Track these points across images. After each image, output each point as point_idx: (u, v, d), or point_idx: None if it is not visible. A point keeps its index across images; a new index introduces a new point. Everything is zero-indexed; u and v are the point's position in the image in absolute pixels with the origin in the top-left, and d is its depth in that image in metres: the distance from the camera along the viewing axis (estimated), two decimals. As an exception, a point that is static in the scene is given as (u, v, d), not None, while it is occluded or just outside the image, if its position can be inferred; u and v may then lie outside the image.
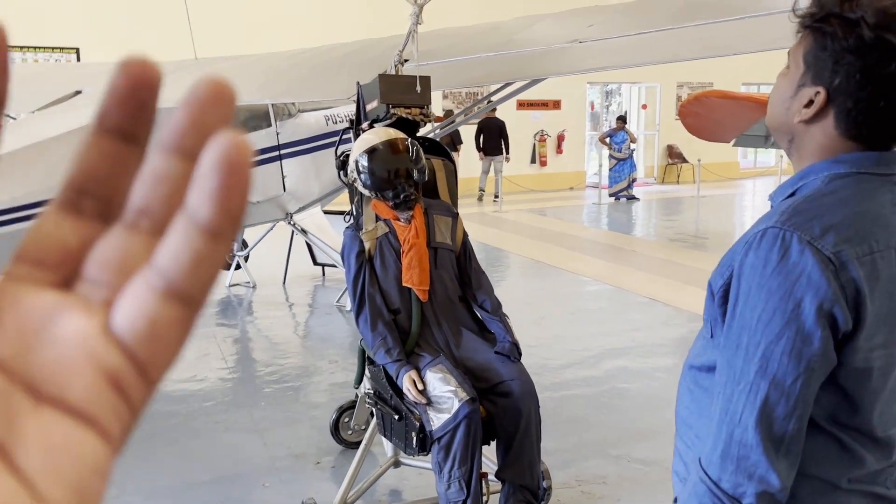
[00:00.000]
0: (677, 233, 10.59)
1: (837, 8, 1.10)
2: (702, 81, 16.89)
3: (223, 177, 0.22)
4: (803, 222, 1.09)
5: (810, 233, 1.07)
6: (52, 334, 0.24)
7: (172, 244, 0.23)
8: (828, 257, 1.06)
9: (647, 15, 3.37)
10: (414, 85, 3.07)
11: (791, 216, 1.10)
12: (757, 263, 1.10)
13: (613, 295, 6.89)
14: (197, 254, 0.23)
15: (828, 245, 1.06)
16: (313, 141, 6.43)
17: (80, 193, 0.25)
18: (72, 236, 0.25)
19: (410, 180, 2.83)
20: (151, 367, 0.24)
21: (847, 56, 1.09)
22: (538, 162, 15.85)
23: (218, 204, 0.23)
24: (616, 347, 5.30)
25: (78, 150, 0.25)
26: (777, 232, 1.09)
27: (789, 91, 1.18)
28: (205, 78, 0.24)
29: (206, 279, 0.24)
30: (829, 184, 1.14)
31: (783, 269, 1.07)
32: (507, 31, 3.74)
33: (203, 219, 0.23)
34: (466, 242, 3.05)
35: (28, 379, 0.23)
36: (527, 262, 8.57)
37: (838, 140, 1.15)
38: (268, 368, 5.09)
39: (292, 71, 4.55)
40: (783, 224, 1.09)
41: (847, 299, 1.06)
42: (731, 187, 16.10)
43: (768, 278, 1.08)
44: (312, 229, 6.67)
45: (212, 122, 0.24)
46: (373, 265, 2.87)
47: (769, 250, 1.09)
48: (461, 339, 2.86)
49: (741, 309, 1.12)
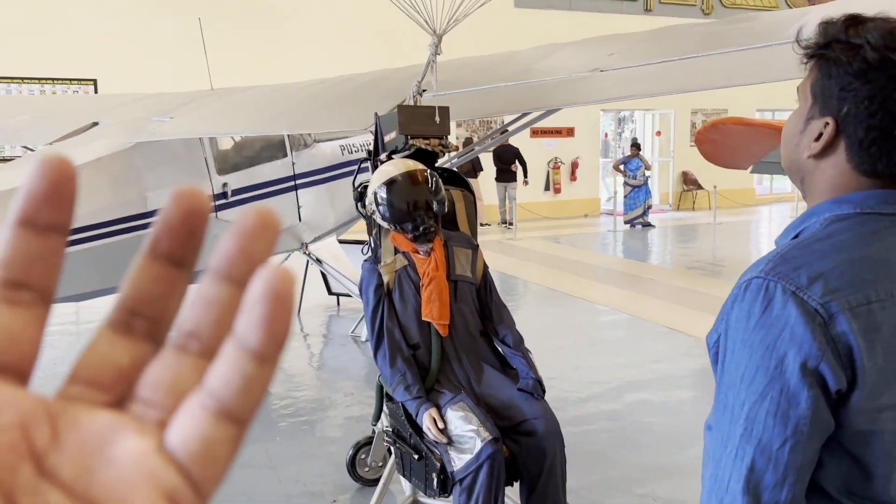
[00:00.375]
0: (694, 260, 10.47)
1: (843, 34, 1.04)
2: (716, 108, 16.85)
3: (270, 306, 0.24)
4: (789, 271, 1.00)
5: (796, 282, 0.99)
6: (110, 454, 0.25)
7: (223, 368, 0.25)
8: (814, 309, 0.97)
9: (669, 43, 3.32)
10: (433, 115, 3.03)
11: (777, 264, 1.02)
12: (741, 316, 1.02)
13: (631, 324, 6.79)
14: (246, 377, 0.25)
15: (815, 296, 0.97)
16: (329, 171, 6.41)
17: (132, 314, 0.27)
18: (124, 357, 0.27)
19: (430, 212, 2.78)
20: (204, 484, 0.25)
21: (854, 82, 1.02)
22: (552, 189, 15.81)
23: (265, 331, 0.24)
24: (637, 379, 5.19)
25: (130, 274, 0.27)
26: (761, 282, 1.01)
27: (799, 126, 1.11)
28: (251, 209, 0.26)
29: (255, 400, 0.26)
30: (828, 227, 1.05)
31: (766, 322, 0.99)
32: (526, 60, 3.70)
33: (252, 344, 0.25)
34: (487, 275, 2.99)
35: (90, 498, 0.24)
36: (542, 291, 8.48)
37: (851, 176, 1.06)
38: (283, 401, 5.01)
39: (309, 102, 4.53)
40: (767, 273, 1.01)
41: (838, 355, 0.97)
42: (747, 214, 15.97)
43: (751, 332, 1.00)
44: (328, 259, 6.62)
45: (259, 251, 0.25)
46: (391, 299, 2.81)
47: (752, 302, 1.01)
48: (482, 375, 2.79)
49: (727, 365, 1.04)
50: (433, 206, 2.78)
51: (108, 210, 4.79)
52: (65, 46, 11.59)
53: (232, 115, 5.14)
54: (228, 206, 5.68)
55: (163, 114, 5.47)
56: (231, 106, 5.26)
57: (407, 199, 2.76)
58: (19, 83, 11.57)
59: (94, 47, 11.72)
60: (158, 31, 11.83)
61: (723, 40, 3.12)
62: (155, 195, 5.03)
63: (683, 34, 3.44)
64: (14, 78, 11.53)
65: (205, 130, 5.14)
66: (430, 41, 3.07)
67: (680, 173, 17.04)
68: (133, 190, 4.95)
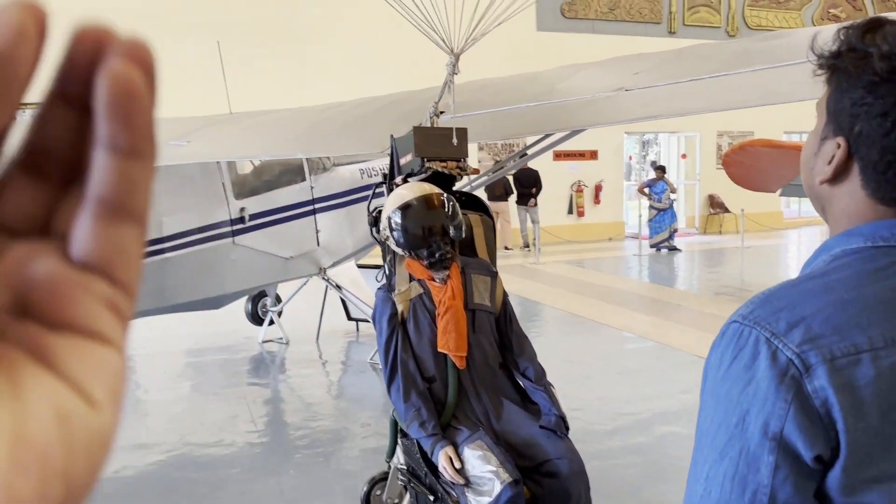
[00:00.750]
0: (722, 285, 10.23)
1: (859, 41, 0.89)
2: (742, 130, 16.62)
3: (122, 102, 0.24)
4: (768, 315, 0.86)
5: (773, 328, 0.84)
6: (35, 276, 0.25)
7: (98, 173, 0.25)
8: (788, 360, 0.82)
9: (697, 62, 3.18)
10: (450, 137, 2.91)
11: (757, 307, 0.88)
12: (714, 363, 0.90)
13: (659, 353, 6.57)
14: (122, 174, 0.25)
15: (791, 343, 0.83)
16: (348, 195, 6.33)
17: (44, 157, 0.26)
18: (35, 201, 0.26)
19: (446, 238, 2.64)
20: (129, 285, 0.26)
21: (866, 97, 0.88)
22: (575, 212, 15.64)
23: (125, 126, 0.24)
24: (666, 411, 4.98)
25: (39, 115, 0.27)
26: (738, 328, 0.88)
27: (814, 146, 0.96)
28: None
29: (141, 194, 0.26)
30: (832, 263, 0.91)
31: (733, 373, 0.86)
32: (548, 80, 3.58)
33: (118, 144, 0.25)
34: (507, 303, 2.84)
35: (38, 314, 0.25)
36: (566, 317, 8.29)
37: (867, 204, 0.91)
38: (298, 432, 4.87)
39: (326, 125, 4.44)
40: (745, 317, 0.87)
41: (815, 415, 0.81)
42: (775, 237, 15.67)
43: (719, 383, 0.87)
44: (346, 284, 6.52)
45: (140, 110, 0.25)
46: (406, 329, 2.67)
47: (724, 349, 0.88)
48: (502, 410, 2.63)
49: (699, 417, 0.92)
50: (450, 232, 2.65)
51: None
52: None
53: (248, 138, 5.07)
54: (246, 231, 5.60)
55: (180, 138, 5.42)
56: (247, 130, 5.19)
57: (422, 225, 2.63)
58: (45, 109, 11.68)
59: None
60: (182, 55, 11.91)
61: (754, 58, 2.97)
62: (170, 220, 4.96)
63: (712, 52, 3.29)
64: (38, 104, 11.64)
65: (220, 154, 5.07)
66: (447, 61, 2.96)
67: (706, 196, 16.80)
68: (149, 215, 4.88)
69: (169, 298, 5.16)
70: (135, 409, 5.35)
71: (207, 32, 9.38)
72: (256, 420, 5.06)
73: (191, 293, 5.34)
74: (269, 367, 6.58)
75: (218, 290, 5.51)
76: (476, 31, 2.88)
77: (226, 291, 5.60)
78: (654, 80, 3.04)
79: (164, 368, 6.46)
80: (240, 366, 6.48)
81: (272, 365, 6.63)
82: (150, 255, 4.89)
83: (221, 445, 4.59)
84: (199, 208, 5.20)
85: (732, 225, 16.16)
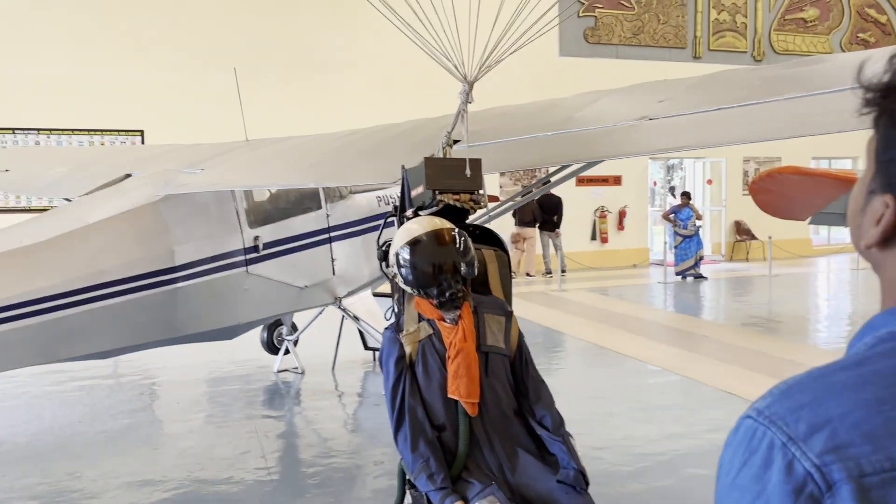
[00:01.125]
0: (750, 315, 9.94)
1: None
2: (769, 156, 16.35)
3: None
4: (787, 412, 0.71)
5: (791, 430, 0.69)
6: None
7: None
8: (806, 472, 0.66)
9: (726, 88, 3.02)
10: (463, 168, 2.76)
11: (777, 400, 0.73)
12: (724, 465, 0.76)
13: (686, 387, 6.33)
14: None
15: (811, 452, 0.67)
16: (364, 223, 6.21)
17: None
18: None
19: (457, 275, 2.49)
20: None
21: None
22: (599, 239, 15.42)
23: None
24: (694, 451, 4.75)
25: None
26: (751, 425, 0.73)
27: (860, 200, 0.80)
28: None
29: None
30: (875, 348, 0.74)
31: (742, 482, 0.72)
32: (567, 108, 3.43)
33: None
34: (522, 345, 2.66)
35: None
36: (589, 348, 8.07)
37: None
38: (310, 469, 4.71)
39: (339, 154, 4.32)
40: (760, 412, 0.73)
41: None
42: (803, 265, 15.32)
43: (727, 490, 0.74)
44: (362, 314, 6.38)
45: None
46: (414, 373, 2.51)
47: (735, 450, 0.74)
48: (517, 462, 2.45)
49: None
50: (461, 269, 2.49)
51: (134, 265, 4.62)
52: (113, 98, 11.79)
53: (262, 166, 4.97)
54: (260, 260, 5.48)
55: (195, 165, 5.34)
56: (262, 158, 5.09)
57: (432, 261, 2.47)
58: (69, 134, 11.77)
59: (141, 99, 11.90)
60: (205, 83, 11.96)
61: (787, 84, 2.80)
62: (182, 249, 4.85)
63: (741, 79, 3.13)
64: (64, 130, 11.74)
65: (233, 182, 4.97)
66: (460, 89, 2.82)
67: (732, 223, 16.50)
68: (160, 244, 4.78)
69: (180, 329, 5.03)
70: (144, 442, 5.23)
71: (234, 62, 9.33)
72: (268, 456, 4.90)
73: (203, 324, 5.22)
74: (284, 398, 6.44)
75: (231, 321, 5.39)
76: (490, 58, 2.74)
77: (239, 322, 5.47)
78: (679, 109, 2.87)
79: (177, 398, 6.34)
80: (254, 396, 6.35)
81: (287, 396, 6.49)
82: (161, 285, 4.78)
83: (230, 483, 4.43)
84: (211, 237, 5.09)
85: (759, 252, 15.85)
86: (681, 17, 15.67)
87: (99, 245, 4.53)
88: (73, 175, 6.44)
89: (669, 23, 15.56)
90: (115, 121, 11.93)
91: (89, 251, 4.47)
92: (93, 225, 4.60)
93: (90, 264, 4.42)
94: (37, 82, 11.45)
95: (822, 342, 8.39)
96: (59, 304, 4.31)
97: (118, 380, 6.95)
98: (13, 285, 4.14)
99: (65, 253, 4.42)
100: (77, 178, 6.25)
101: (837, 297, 11.91)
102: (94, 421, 5.71)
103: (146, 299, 4.66)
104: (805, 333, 8.98)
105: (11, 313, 4.12)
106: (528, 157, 3.27)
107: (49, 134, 11.67)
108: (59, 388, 6.59)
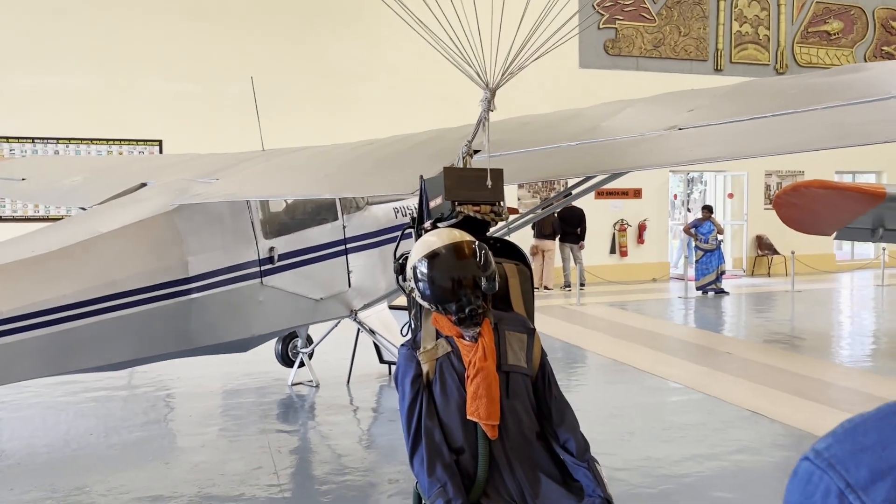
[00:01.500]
0: (772, 332, 9.73)
1: None
2: (792, 170, 16.14)
3: None
4: (847, 455, 0.64)
5: (850, 475, 0.62)
6: None
7: None
8: None
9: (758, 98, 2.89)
10: (484, 179, 2.65)
11: (838, 441, 0.66)
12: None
13: (709, 406, 6.16)
14: None
15: (871, 502, 0.61)
16: (381, 234, 6.11)
17: None
18: None
19: (477, 291, 2.37)
20: None
21: None
22: (618, 252, 15.25)
23: None
24: (720, 474, 4.58)
25: None
26: (808, 468, 0.67)
27: None
28: None
29: None
30: None
31: None
32: (592, 117, 3.32)
33: None
34: (545, 364, 2.53)
35: None
36: (608, 364, 7.90)
37: None
38: (323, 486, 4.59)
39: (355, 164, 4.23)
40: (819, 454, 0.66)
41: None
42: (827, 281, 15.06)
43: None
44: (378, 327, 6.27)
45: None
46: (431, 393, 2.39)
47: (791, 494, 0.68)
48: (539, 488, 2.32)
49: None
50: (481, 284, 2.37)
51: (147, 275, 4.54)
52: (132, 108, 11.82)
53: (277, 176, 4.88)
54: (275, 272, 5.40)
55: (210, 175, 5.27)
56: (277, 167, 5.01)
57: (451, 276, 2.36)
58: (88, 144, 11.80)
59: (160, 109, 11.92)
60: (223, 92, 11.97)
61: (823, 94, 2.67)
62: (196, 260, 4.77)
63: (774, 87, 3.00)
64: (83, 139, 11.77)
65: (248, 192, 4.89)
66: (481, 96, 2.72)
67: (754, 237, 16.28)
68: (174, 254, 4.70)
69: (194, 341, 4.95)
70: (156, 456, 5.14)
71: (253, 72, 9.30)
72: (280, 472, 4.79)
73: (217, 336, 5.13)
74: (298, 412, 6.34)
75: (245, 333, 5.30)
76: (513, 65, 2.64)
77: (253, 334, 5.38)
78: (710, 118, 2.75)
79: (190, 411, 6.26)
80: (268, 410, 6.25)
81: (301, 410, 6.39)
82: (174, 296, 4.69)
83: (241, 501, 4.33)
84: (226, 247, 5.00)
85: (782, 267, 15.62)
86: (702, 29, 15.53)
87: (112, 255, 4.46)
88: (89, 184, 6.40)
89: (691, 35, 15.42)
90: (134, 130, 11.95)
91: (102, 261, 4.40)
92: (106, 234, 4.53)
93: (103, 274, 4.35)
94: (57, 92, 11.51)
95: (847, 360, 8.18)
96: (70, 314, 4.23)
97: (132, 391, 6.88)
98: (24, 295, 4.07)
99: (77, 262, 4.36)
100: (93, 187, 6.21)
101: (861, 314, 11.67)
102: (107, 433, 5.63)
103: (159, 310, 4.58)
104: (829, 351, 8.76)
105: (22, 324, 4.05)
106: (551, 167, 3.16)
107: (68, 143, 11.71)
108: (73, 398, 6.52)
